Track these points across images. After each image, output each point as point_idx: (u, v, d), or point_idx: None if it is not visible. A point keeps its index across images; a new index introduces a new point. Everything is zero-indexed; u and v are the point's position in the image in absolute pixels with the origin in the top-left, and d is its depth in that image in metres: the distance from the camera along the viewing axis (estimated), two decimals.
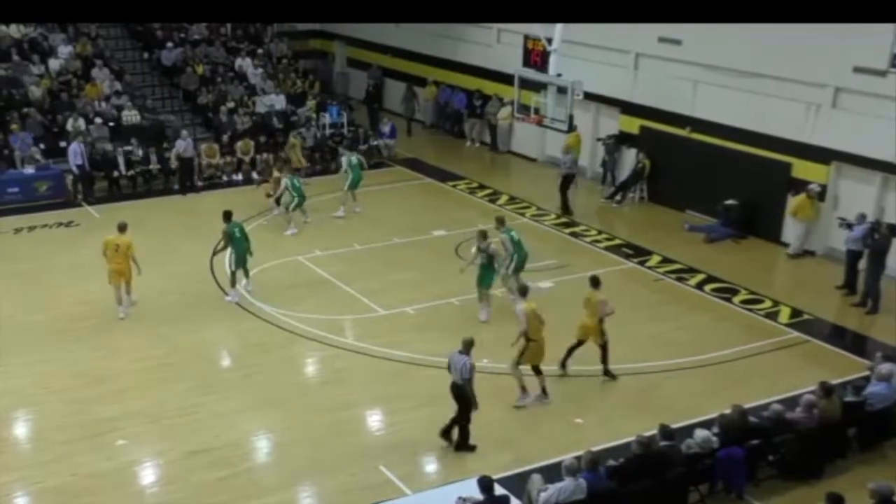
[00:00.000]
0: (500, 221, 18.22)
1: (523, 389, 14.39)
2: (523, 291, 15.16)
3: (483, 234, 17.56)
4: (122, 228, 17.27)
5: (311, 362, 16.25)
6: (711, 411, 13.34)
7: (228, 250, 18.25)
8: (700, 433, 12.25)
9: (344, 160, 23.60)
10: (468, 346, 13.04)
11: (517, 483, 12.05)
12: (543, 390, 14.57)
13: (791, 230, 21.34)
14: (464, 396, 13.04)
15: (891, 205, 19.69)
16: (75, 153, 23.43)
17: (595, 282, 15.35)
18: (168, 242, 21.05)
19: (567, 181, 24.06)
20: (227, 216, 18.38)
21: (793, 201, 21.03)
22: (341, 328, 17.15)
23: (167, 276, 19.10)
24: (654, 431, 12.19)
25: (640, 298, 18.73)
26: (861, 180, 20.09)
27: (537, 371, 14.52)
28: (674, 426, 12.31)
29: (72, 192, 23.83)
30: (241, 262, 18.21)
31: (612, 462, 11.81)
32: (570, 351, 15.34)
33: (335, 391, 14.99)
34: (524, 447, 13.43)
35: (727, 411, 12.56)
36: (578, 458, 11.41)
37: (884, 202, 19.85)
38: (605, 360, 15.19)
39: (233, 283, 18.26)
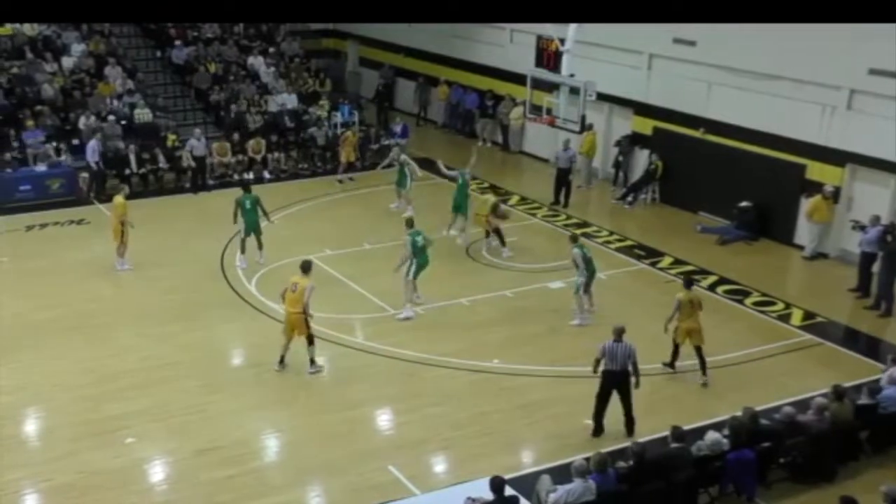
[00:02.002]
0: (574, 239, 17.96)
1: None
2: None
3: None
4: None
5: (319, 361, 16.17)
6: (722, 413, 13.27)
7: (241, 220, 19.29)
8: (710, 435, 12.16)
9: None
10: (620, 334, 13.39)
11: (527, 483, 11.97)
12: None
13: (805, 232, 21.19)
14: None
15: None
16: (93, 150, 23.66)
17: (689, 283, 15.82)
18: (179, 241, 21.09)
19: (562, 175, 24.27)
20: (245, 187, 20.10)
21: (808, 203, 20.88)
22: (351, 327, 17.11)
23: (177, 274, 19.12)
24: (664, 433, 12.13)
25: (651, 300, 18.58)
26: (876, 182, 19.94)
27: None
28: (685, 428, 12.21)
29: (86, 190, 23.90)
30: (249, 231, 19.30)
31: (621, 464, 11.73)
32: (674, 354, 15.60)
33: (344, 390, 14.94)
34: (533, 448, 13.40)
35: (738, 414, 12.46)
36: (587, 460, 11.33)
37: None
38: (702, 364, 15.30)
39: (242, 249, 19.42)
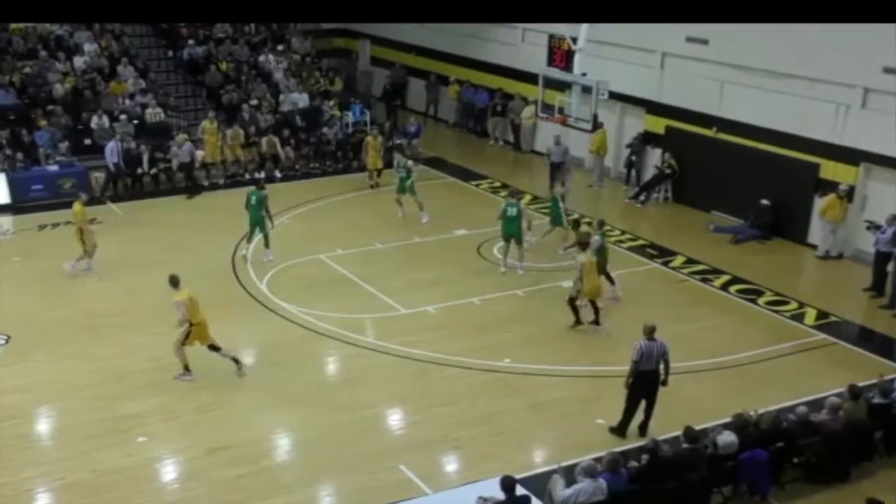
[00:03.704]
0: (601, 225, 18.35)
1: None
2: None
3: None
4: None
5: (331, 361, 16.19)
6: (734, 413, 13.21)
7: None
8: (724, 437, 12.07)
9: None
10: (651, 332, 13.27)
11: (540, 483, 11.92)
12: None
13: (818, 231, 21.09)
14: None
15: None
16: (112, 151, 23.84)
17: (584, 245, 16.88)
18: (188, 240, 21.13)
19: (554, 168, 24.55)
20: (258, 184, 20.47)
21: (822, 201, 20.78)
22: (362, 327, 17.08)
23: (187, 273, 19.03)
24: (677, 433, 12.08)
25: (664, 299, 18.57)
26: (890, 181, 19.81)
27: None
28: (697, 428, 12.15)
29: (102, 189, 24.04)
30: (252, 227, 19.69)
31: (634, 463, 11.67)
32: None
33: (355, 390, 14.91)
34: (545, 447, 13.36)
35: (741, 411, 12.38)
36: (598, 460, 11.28)
37: None
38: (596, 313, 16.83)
39: (266, 243, 19.84)
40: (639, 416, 13.56)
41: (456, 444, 13.36)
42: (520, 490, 11.09)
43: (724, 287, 19.13)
